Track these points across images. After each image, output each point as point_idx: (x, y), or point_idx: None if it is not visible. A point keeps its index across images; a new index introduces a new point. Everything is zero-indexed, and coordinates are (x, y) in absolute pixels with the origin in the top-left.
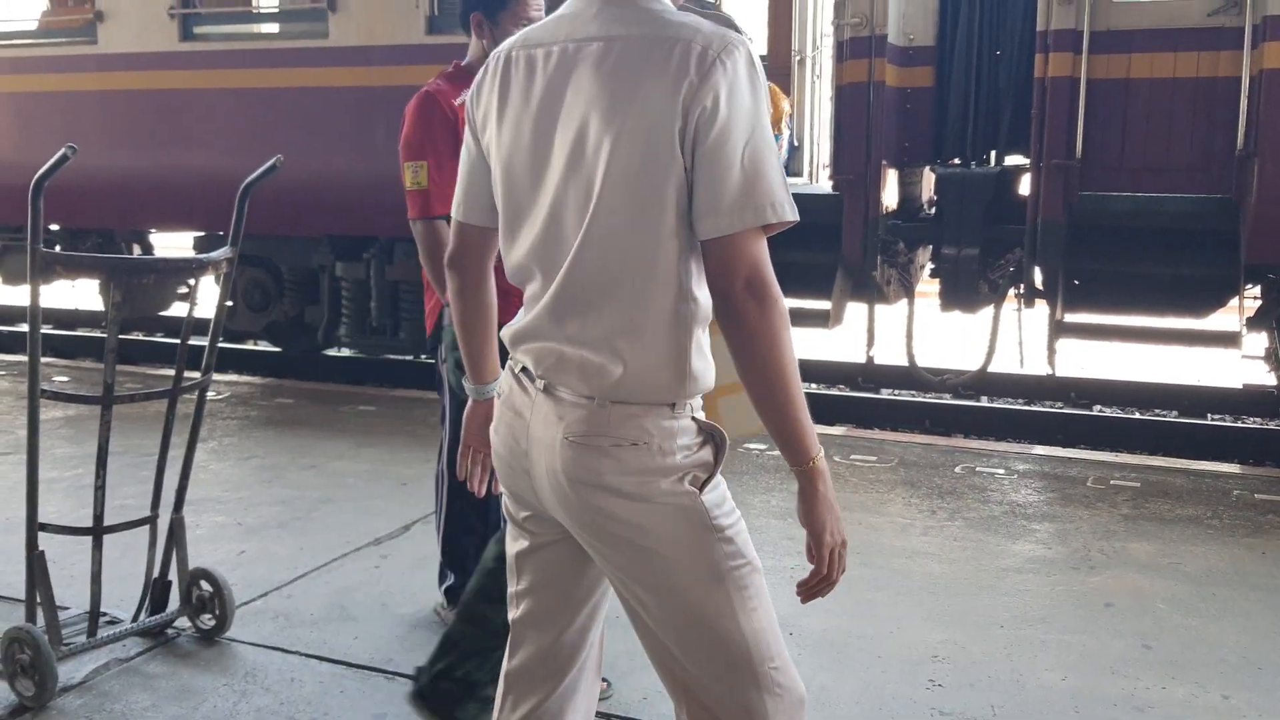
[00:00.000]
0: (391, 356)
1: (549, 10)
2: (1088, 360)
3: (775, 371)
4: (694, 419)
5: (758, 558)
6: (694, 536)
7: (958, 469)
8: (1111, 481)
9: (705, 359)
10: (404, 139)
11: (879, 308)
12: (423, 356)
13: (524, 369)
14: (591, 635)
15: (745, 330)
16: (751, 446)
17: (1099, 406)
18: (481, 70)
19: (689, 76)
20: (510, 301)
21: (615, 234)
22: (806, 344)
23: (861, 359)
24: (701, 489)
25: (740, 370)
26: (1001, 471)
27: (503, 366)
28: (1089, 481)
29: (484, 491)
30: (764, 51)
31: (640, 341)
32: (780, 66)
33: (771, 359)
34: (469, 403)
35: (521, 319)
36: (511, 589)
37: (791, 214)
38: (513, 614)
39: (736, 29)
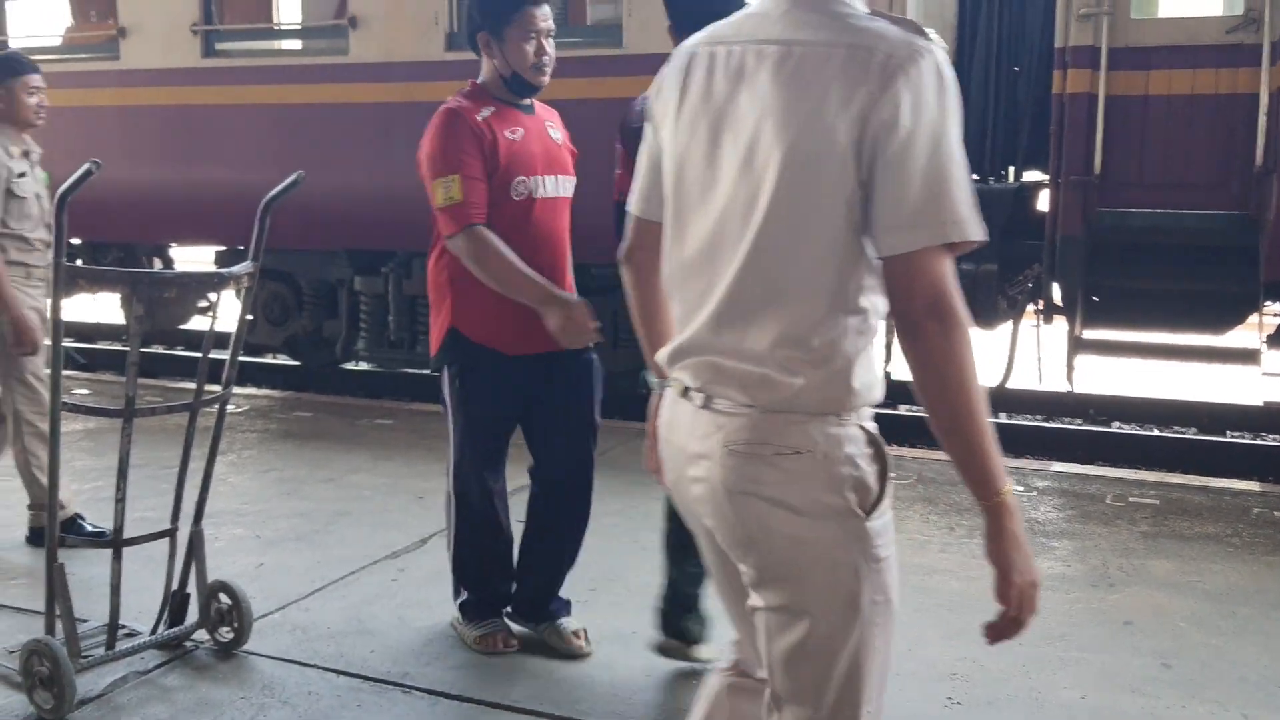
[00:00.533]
0: (409, 370)
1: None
2: (1106, 377)
3: (959, 398)
4: (862, 428)
5: (897, 595)
6: (849, 563)
7: None
8: (1130, 499)
9: (872, 373)
10: (429, 154)
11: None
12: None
13: (685, 390)
14: None
15: (927, 353)
16: None
17: (1118, 423)
18: (666, 64)
19: (869, 86)
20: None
21: (781, 245)
22: None
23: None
24: (870, 513)
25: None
26: (1020, 488)
27: None
28: (1108, 499)
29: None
30: None
31: (804, 354)
32: None
33: (956, 385)
34: (653, 396)
35: (680, 334)
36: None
37: (977, 233)
38: (732, 634)
39: (926, 35)
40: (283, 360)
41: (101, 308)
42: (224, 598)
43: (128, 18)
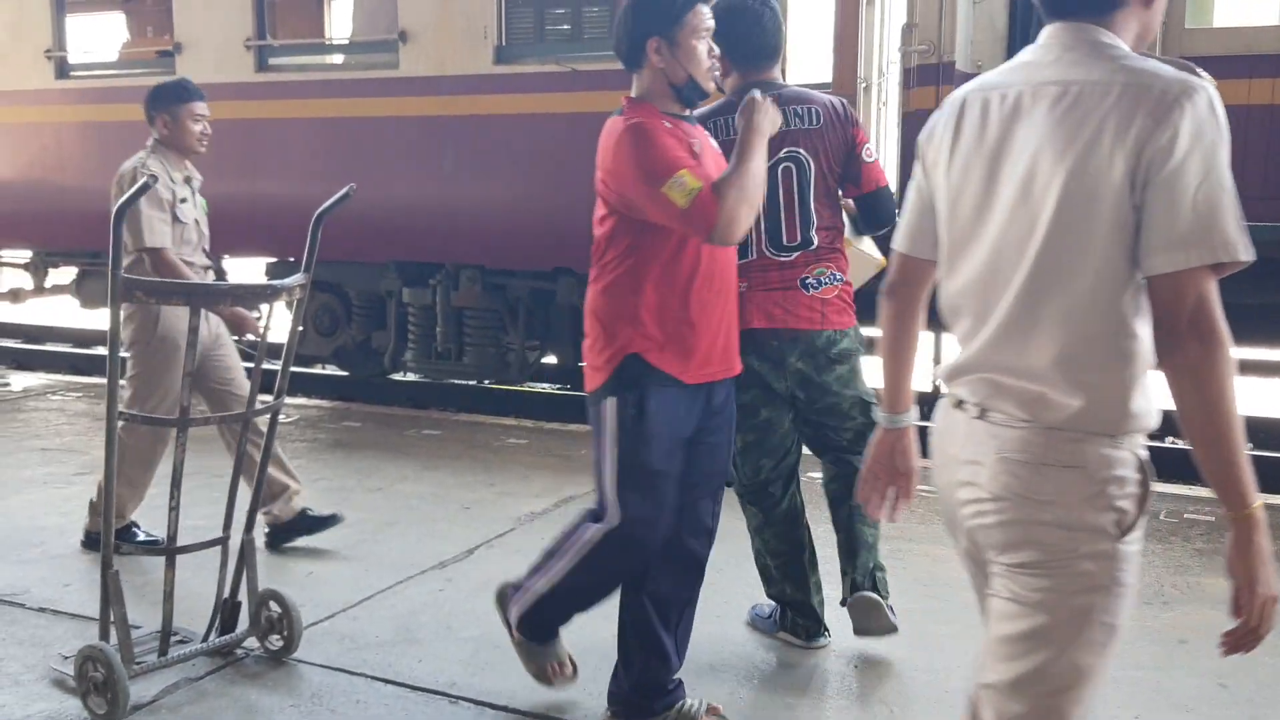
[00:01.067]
0: (456, 381)
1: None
2: (1163, 390)
3: (1218, 415)
4: (1135, 454)
5: (1126, 624)
6: (1093, 580)
7: None
8: (1185, 515)
9: (1147, 398)
10: (642, 168)
11: (945, 335)
12: (523, 385)
13: (959, 402)
14: None
15: (1188, 371)
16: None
17: (1172, 438)
18: (937, 111)
19: (1145, 118)
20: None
21: (1058, 269)
22: (867, 372)
23: (928, 387)
24: (1123, 536)
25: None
26: None
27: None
28: (1162, 515)
29: (880, 518)
30: (828, 79)
31: (1081, 375)
32: (845, 94)
33: (1215, 402)
34: (878, 430)
35: (959, 355)
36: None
37: (1246, 254)
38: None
39: (1199, 74)
40: (332, 371)
41: None
42: (274, 606)
43: (183, 33)
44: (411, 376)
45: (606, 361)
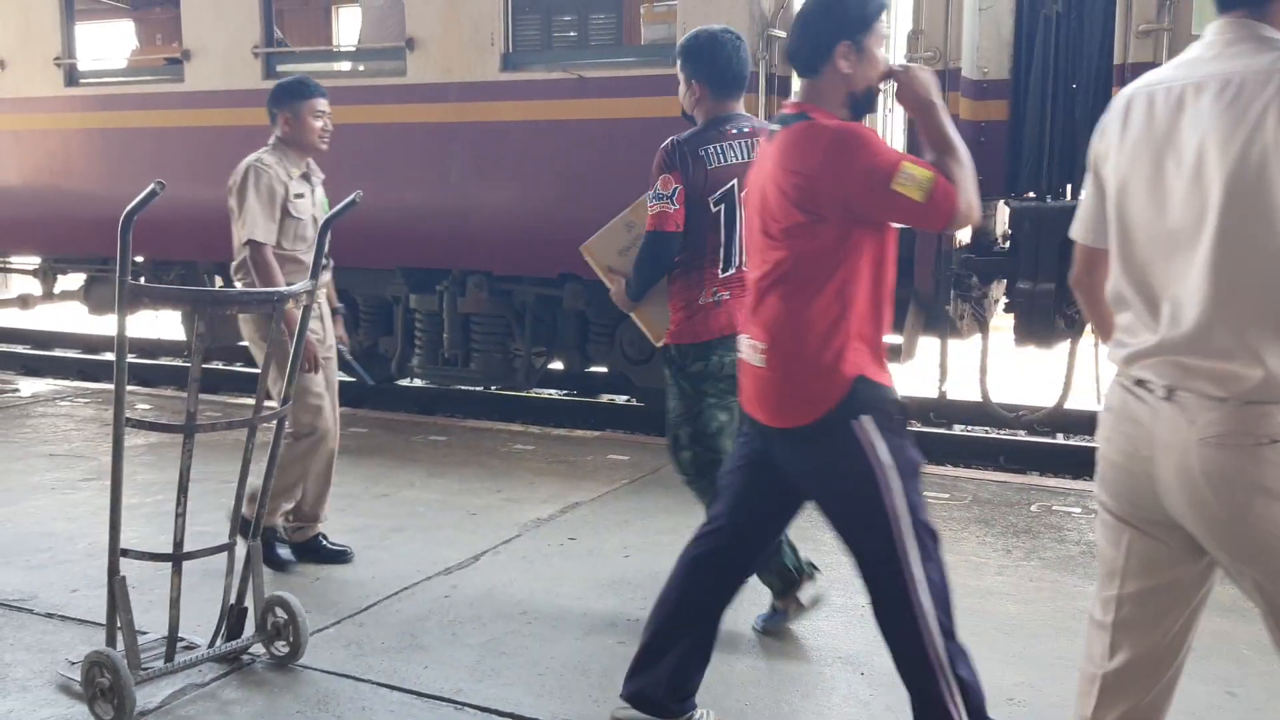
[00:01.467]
0: (463, 387)
1: None
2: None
3: None
4: None
5: None
6: None
7: (1033, 507)
8: None
9: None
10: (865, 172)
11: (951, 342)
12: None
13: (1138, 381)
14: (1190, 637)
15: None
16: None
17: None
18: (1107, 111)
19: None
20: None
21: (1238, 247)
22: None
23: (934, 394)
24: None
25: None
26: (1078, 510)
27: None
28: None
29: None
30: None
31: (1272, 345)
32: None
33: None
34: None
35: (1135, 340)
36: (1112, 592)
37: None
38: (1112, 617)
39: None
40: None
41: (163, 324)
42: (280, 612)
43: (191, 41)
44: (418, 382)
45: (830, 389)
